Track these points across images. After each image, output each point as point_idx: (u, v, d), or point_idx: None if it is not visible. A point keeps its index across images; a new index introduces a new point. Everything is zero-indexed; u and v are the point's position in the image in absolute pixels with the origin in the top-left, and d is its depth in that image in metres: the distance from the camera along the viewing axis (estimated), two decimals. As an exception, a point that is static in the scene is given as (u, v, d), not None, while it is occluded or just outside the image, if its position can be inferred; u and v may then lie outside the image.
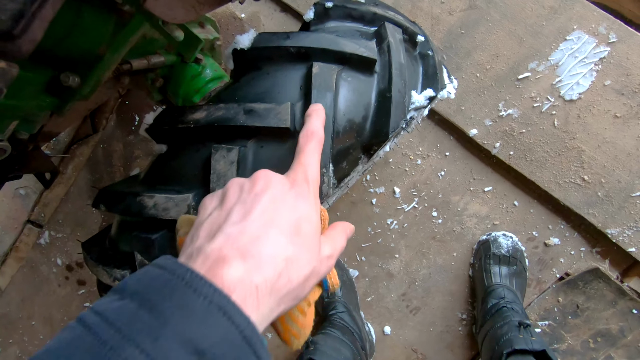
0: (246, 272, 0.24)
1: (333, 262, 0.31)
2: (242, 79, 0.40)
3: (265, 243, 0.26)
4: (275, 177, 0.30)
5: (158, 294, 0.21)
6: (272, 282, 0.25)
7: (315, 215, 0.30)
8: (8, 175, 0.54)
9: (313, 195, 0.31)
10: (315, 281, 0.29)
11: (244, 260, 0.24)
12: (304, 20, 0.47)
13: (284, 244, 0.27)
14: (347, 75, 0.41)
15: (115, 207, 0.38)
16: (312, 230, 0.29)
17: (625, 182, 0.84)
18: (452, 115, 0.92)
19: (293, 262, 0.26)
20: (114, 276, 0.40)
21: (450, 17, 0.90)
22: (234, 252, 0.25)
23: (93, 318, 0.20)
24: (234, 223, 0.27)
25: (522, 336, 0.76)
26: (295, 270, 0.27)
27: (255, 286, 0.24)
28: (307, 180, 0.31)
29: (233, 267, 0.24)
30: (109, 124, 1.14)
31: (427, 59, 0.50)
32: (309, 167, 0.32)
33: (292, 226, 0.28)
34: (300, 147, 0.33)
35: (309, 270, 0.28)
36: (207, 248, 0.25)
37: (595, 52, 0.82)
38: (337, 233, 0.33)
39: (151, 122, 0.40)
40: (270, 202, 0.28)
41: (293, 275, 0.26)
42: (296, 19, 1.02)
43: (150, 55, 0.61)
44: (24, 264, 1.20)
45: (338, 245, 0.32)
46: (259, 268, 0.25)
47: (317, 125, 0.34)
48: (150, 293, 0.21)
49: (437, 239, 0.99)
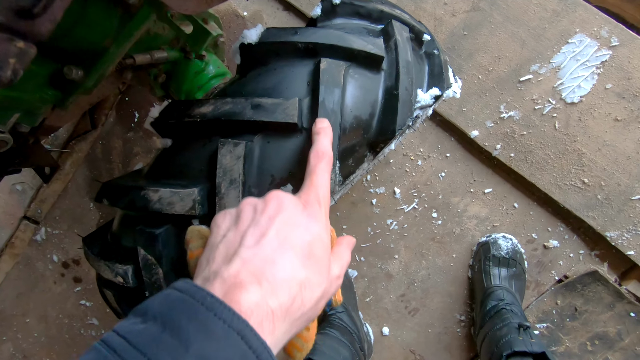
0: (262, 297, 0.25)
1: (341, 281, 0.32)
2: (248, 74, 0.40)
3: (280, 267, 0.27)
4: (287, 198, 0.31)
5: (180, 317, 0.22)
6: (287, 306, 0.26)
7: (326, 236, 0.31)
8: (8, 169, 0.54)
9: (324, 215, 0.31)
10: (325, 302, 0.30)
11: (260, 285, 0.25)
12: (310, 17, 0.47)
13: (297, 267, 0.27)
14: (354, 72, 0.41)
15: (119, 202, 0.38)
16: (323, 251, 0.30)
17: (625, 186, 0.85)
18: (454, 117, 0.92)
19: (306, 285, 0.27)
20: (115, 271, 0.40)
21: (453, 18, 0.91)
22: (250, 277, 0.25)
23: (117, 340, 0.21)
24: (249, 247, 0.27)
25: (521, 338, 0.76)
26: (308, 293, 0.27)
27: (271, 310, 0.25)
28: (319, 201, 0.31)
29: (250, 292, 0.25)
30: (108, 120, 1.13)
31: (433, 58, 0.50)
32: (321, 187, 0.32)
33: (305, 248, 0.28)
34: (312, 168, 0.33)
35: (320, 292, 0.28)
36: (224, 272, 0.26)
37: (597, 56, 0.83)
38: (343, 249, 0.34)
39: (156, 116, 0.39)
40: (283, 224, 0.29)
41: (306, 298, 0.27)
42: (299, 17, 1.02)
43: (153, 51, 0.61)
44: (19, 260, 1.19)
45: (345, 262, 0.33)
46: (275, 293, 0.25)
47: (327, 144, 0.34)
48: (172, 316, 0.22)
49: (437, 240, 0.99)
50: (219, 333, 0.22)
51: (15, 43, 0.20)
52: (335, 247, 0.34)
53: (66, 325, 1.16)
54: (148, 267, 0.37)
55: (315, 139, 0.34)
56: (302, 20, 1.01)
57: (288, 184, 0.37)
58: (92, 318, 1.15)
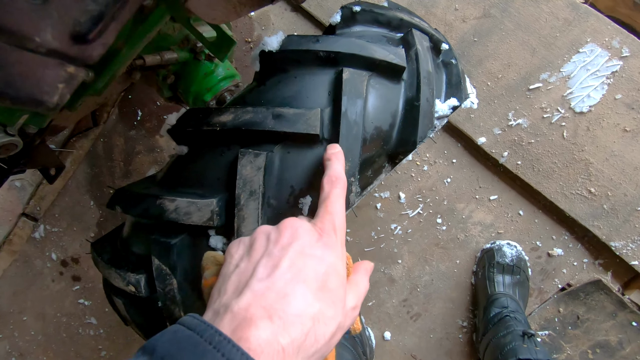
0: (273, 334, 0.24)
1: (357, 312, 0.31)
2: (267, 81, 0.39)
3: (292, 301, 0.26)
4: (302, 226, 0.30)
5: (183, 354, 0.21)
6: (300, 342, 0.25)
7: (342, 266, 0.30)
8: (13, 169, 0.53)
9: (340, 244, 0.30)
10: (340, 335, 0.29)
11: (270, 321, 0.24)
12: (329, 24, 0.46)
13: (310, 301, 0.26)
14: (375, 82, 0.40)
15: (132, 209, 0.37)
16: (338, 283, 0.29)
17: (632, 196, 0.85)
18: (461, 123, 0.92)
19: (319, 320, 0.26)
20: (127, 280, 0.39)
21: (463, 24, 0.90)
22: (260, 312, 0.25)
23: None
24: (260, 279, 0.27)
25: (526, 346, 0.76)
26: (321, 328, 0.26)
27: (282, 348, 0.24)
28: (335, 229, 0.31)
29: (260, 328, 0.24)
30: (110, 118, 1.12)
31: (451, 67, 0.49)
32: (336, 215, 0.31)
33: (319, 280, 0.28)
34: (326, 194, 0.32)
35: (334, 327, 0.27)
36: (235, 306, 0.25)
37: (608, 66, 0.83)
38: (360, 277, 0.33)
39: (173, 123, 0.39)
40: (297, 254, 0.28)
41: (319, 333, 0.26)
42: (307, 19, 1.01)
43: (163, 52, 0.59)
44: (17, 257, 1.17)
45: (362, 290, 0.32)
46: (286, 329, 0.25)
47: (340, 170, 0.33)
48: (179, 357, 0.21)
49: (441, 245, 0.98)
50: None
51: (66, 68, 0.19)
52: (352, 275, 0.33)
53: (64, 324, 1.15)
54: (162, 277, 0.36)
55: (328, 165, 0.34)
56: (310, 21, 1.00)
57: (307, 196, 0.36)
58: (90, 317, 1.14)
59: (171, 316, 0.38)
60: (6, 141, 0.39)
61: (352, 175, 0.35)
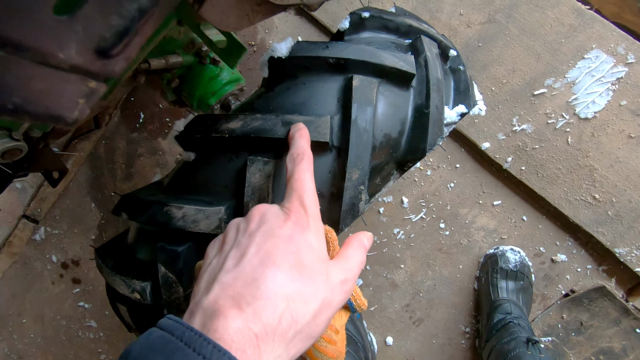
0: (243, 322, 0.23)
1: (350, 287, 0.29)
2: (276, 87, 0.39)
3: (260, 285, 0.25)
4: (269, 210, 0.29)
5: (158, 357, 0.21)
6: (274, 326, 0.24)
7: (316, 241, 0.28)
8: (17, 173, 0.52)
9: (312, 220, 0.29)
10: (330, 313, 0.27)
11: (239, 309, 0.24)
12: (337, 30, 0.45)
13: (283, 281, 0.25)
14: (384, 89, 0.39)
15: (139, 216, 0.37)
16: (314, 258, 0.27)
17: (636, 202, 0.85)
18: (465, 128, 0.92)
19: (295, 299, 0.25)
20: (132, 287, 0.38)
21: (468, 29, 0.90)
22: (229, 302, 0.24)
23: None
24: (228, 270, 0.26)
25: (530, 352, 0.75)
26: (299, 307, 0.25)
27: (254, 335, 0.23)
28: (304, 206, 0.29)
29: (229, 318, 0.23)
30: (112, 120, 1.11)
31: (459, 73, 0.49)
32: (305, 192, 0.30)
33: (290, 260, 0.26)
34: (290, 172, 0.31)
35: (317, 304, 0.26)
36: (204, 301, 0.25)
37: (613, 72, 0.83)
38: (352, 250, 0.31)
39: (181, 129, 0.38)
40: (264, 238, 0.27)
41: (298, 314, 0.25)
42: (310, 22, 1.01)
43: (169, 55, 0.59)
44: (17, 259, 1.16)
45: (354, 264, 0.30)
46: (257, 314, 0.24)
47: (303, 145, 0.32)
48: (150, 357, 0.21)
49: (444, 250, 0.98)
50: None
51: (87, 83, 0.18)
52: (343, 248, 0.31)
53: (63, 327, 1.14)
54: (168, 285, 0.36)
55: (291, 143, 0.33)
56: (314, 25, 1.00)
57: (316, 204, 0.36)
58: (90, 320, 1.13)
59: (177, 325, 0.37)
60: (12, 146, 0.38)
61: (361, 183, 0.35)
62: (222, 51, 0.37)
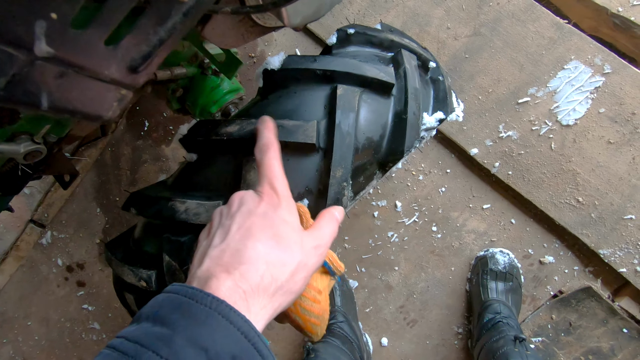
0: (233, 282, 0.29)
1: (322, 251, 0.35)
2: (270, 96, 0.44)
3: (244, 255, 0.30)
4: (246, 194, 0.34)
5: (166, 311, 0.26)
6: (257, 283, 0.29)
7: (289, 215, 0.34)
8: (32, 176, 0.56)
9: (283, 199, 0.34)
10: (306, 273, 0.32)
11: (228, 273, 0.29)
12: (326, 45, 0.50)
13: (261, 250, 0.31)
14: (367, 97, 0.44)
15: (146, 211, 0.41)
16: (287, 230, 0.33)
17: (618, 205, 0.88)
18: (455, 135, 0.96)
19: (274, 263, 0.30)
20: (139, 276, 0.42)
21: (455, 42, 0.95)
22: (219, 269, 0.29)
23: (117, 340, 0.25)
24: (215, 246, 0.31)
25: (517, 350, 0.78)
26: (278, 268, 0.31)
27: (242, 291, 0.28)
28: (274, 188, 0.35)
29: (221, 280, 0.28)
30: (118, 128, 1.16)
31: (438, 83, 0.53)
32: (274, 177, 0.35)
33: (267, 232, 0.32)
34: (259, 161, 0.36)
35: (293, 265, 0.31)
36: (198, 272, 0.30)
37: (591, 82, 0.87)
38: (324, 222, 0.36)
39: (185, 133, 0.43)
40: (244, 217, 0.32)
41: (277, 273, 0.30)
42: (307, 35, 1.06)
43: (173, 67, 0.64)
44: (23, 263, 1.20)
45: (325, 232, 0.35)
46: (243, 276, 0.29)
47: (269, 136, 0.37)
48: (159, 312, 0.26)
49: (436, 253, 1.01)
50: (202, 316, 0.25)
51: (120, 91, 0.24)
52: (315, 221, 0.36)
53: (67, 329, 1.17)
54: (172, 272, 0.40)
55: (258, 136, 0.37)
56: (311, 38, 1.05)
57: (305, 199, 0.40)
58: (93, 322, 1.16)
59: (179, 309, 0.41)
60: (33, 148, 0.43)
61: (344, 180, 0.39)
62: (222, 65, 0.42)
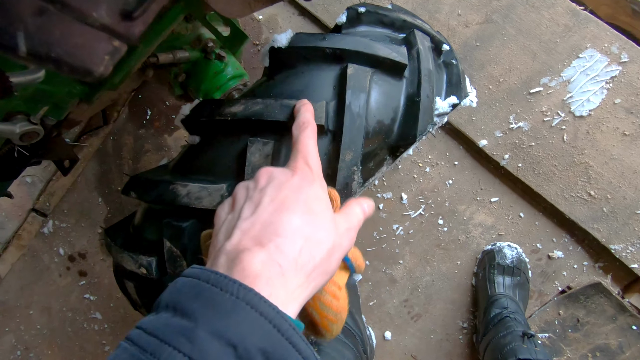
0: (268, 255, 0.25)
1: (353, 235, 0.32)
2: (276, 76, 0.41)
3: (279, 227, 0.27)
4: (276, 170, 0.32)
5: (187, 300, 0.23)
6: (295, 258, 0.26)
7: (323, 194, 0.31)
8: (31, 160, 0.55)
9: (317, 177, 0.32)
10: (340, 255, 0.30)
11: (262, 247, 0.26)
12: (335, 24, 0.48)
13: (298, 224, 0.28)
14: (378, 78, 0.42)
15: (146, 195, 0.39)
16: (322, 207, 0.30)
17: (631, 199, 0.86)
18: (463, 125, 0.94)
19: (311, 239, 0.27)
20: (139, 262, 0.41)
21: (466, 29, 0.92)
22: (251, 242, 0.26)
23: (135, 332, 0.22)
24: (245, 218, 0.28)
25: (526, 346, 0.77)
26: (315, 246, 0.28)
27: (278, 265, 0.25)
28: (309, 165, 0.32)
29: (254, 253, 0.25)
30: (120, 117, 1.15)
31: (452, 67, 0.51)
32: (308, 153, 0.33)
33: (302, 207, 0.29)
34: (296, 138, 0.34)
35: (330, 244, 0.29)
36: (227, 246, 0.27)
37: (607, 71, 0.85)
38: (352, 208, 0.34)
39: (187, 114, 0.41)
40: (276, 190, 0.29)
41: (315, 251, 0.27)
42: (314, 23, 1.04)
43: (176, 50, 0.62)
44: (25, 252, 1.19)
45: (354, 218, 0.33)
46: (279, 249, 0.26)
47: (308, 116, 0.35)
48: (179, 300, 0.23)
49: (442, 246, 0.99)
50: (227, 306, 0.22)
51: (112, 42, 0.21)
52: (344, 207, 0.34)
53: (69, 319, 1.17)
54: (173, 259, 0.38)
55: (297, 115, 0.35)
56: (317, 25, 1.03)
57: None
58: (95, 312, 1.16)
59: (180, 297, 0.40)
60: (30, 129, 0.41)
61: (354, 164, 0.37)
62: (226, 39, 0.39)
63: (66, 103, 0.51)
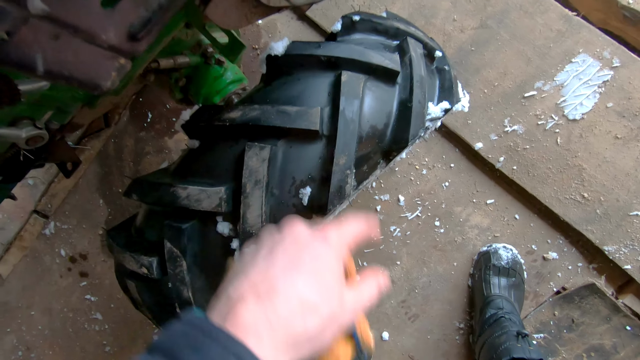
0: (260, 309, 0.27)
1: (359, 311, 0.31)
2: (273, 82, 0.43)
3: (280, 284, 0.28)
4: (302, 224, 0.32)
5: (179, 347, 0.24)
6: (286, 317, 0.27)
7: (336, 263, 0.31)
8: (35, 163, 0.56)
9: (336, 249, 0.32)
10: (335, 329, 0.29)
11: (258, 299, 0.27)
12: (330, 32, 0.50)
13: (300, 287, 0.28)
14: (371, 85, 0.43)
15: (148, 197, 0.41)
16: (332, 276, 0.30)
17: (623, 201, 0.87)
18: (459, 129, 0.95)
19: (308, 303, 0.28)
20: (140, 262, 0.42)
21: (461, 34, 0.94)
22: (251, 294, 0.27)
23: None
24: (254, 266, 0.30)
25: (520, 345, 0.78)
26: (310, 311, 0.28)
27: (268, 321, 0.26)
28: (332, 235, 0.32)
29: (249, 305, 0.27)
30: (121, 120, 1.16)
31: (444, 73, 0.53)
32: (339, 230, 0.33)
33: (311, 270, 0.29)
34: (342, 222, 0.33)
35: (326, 314, 0.28)
36: (230, 290, 0.28)
37: (599, 75, 0.86)
38: (367, 282, 0.33)
39: (187, 119, 0.42)
40: (292, 244, 0.30)
41: (308, 317, 0.27)
42: (312, 27, 1.05)
43: (176, 56, 0.64)
44: (27, 253, 1.21)
45: (366, 294, 0.32)
46: (273, 307, 0.27)
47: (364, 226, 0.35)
48: (173, 347, 0.25)
49: (439, 248, 1.01)
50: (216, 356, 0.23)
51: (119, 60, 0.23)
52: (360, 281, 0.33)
53: (70, 319, 1.18)
54: (173, 259, 0.40)
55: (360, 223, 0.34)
56: (315, 30, 1.05)
57: (307, 187, 0.40)
58: (96, 313, 1.17)
59: (180, 296, 0.41)
60: (35, 134, 0.42)
61: (348, 168, 0.39)
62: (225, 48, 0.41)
63: (70, 108, 0.53)
